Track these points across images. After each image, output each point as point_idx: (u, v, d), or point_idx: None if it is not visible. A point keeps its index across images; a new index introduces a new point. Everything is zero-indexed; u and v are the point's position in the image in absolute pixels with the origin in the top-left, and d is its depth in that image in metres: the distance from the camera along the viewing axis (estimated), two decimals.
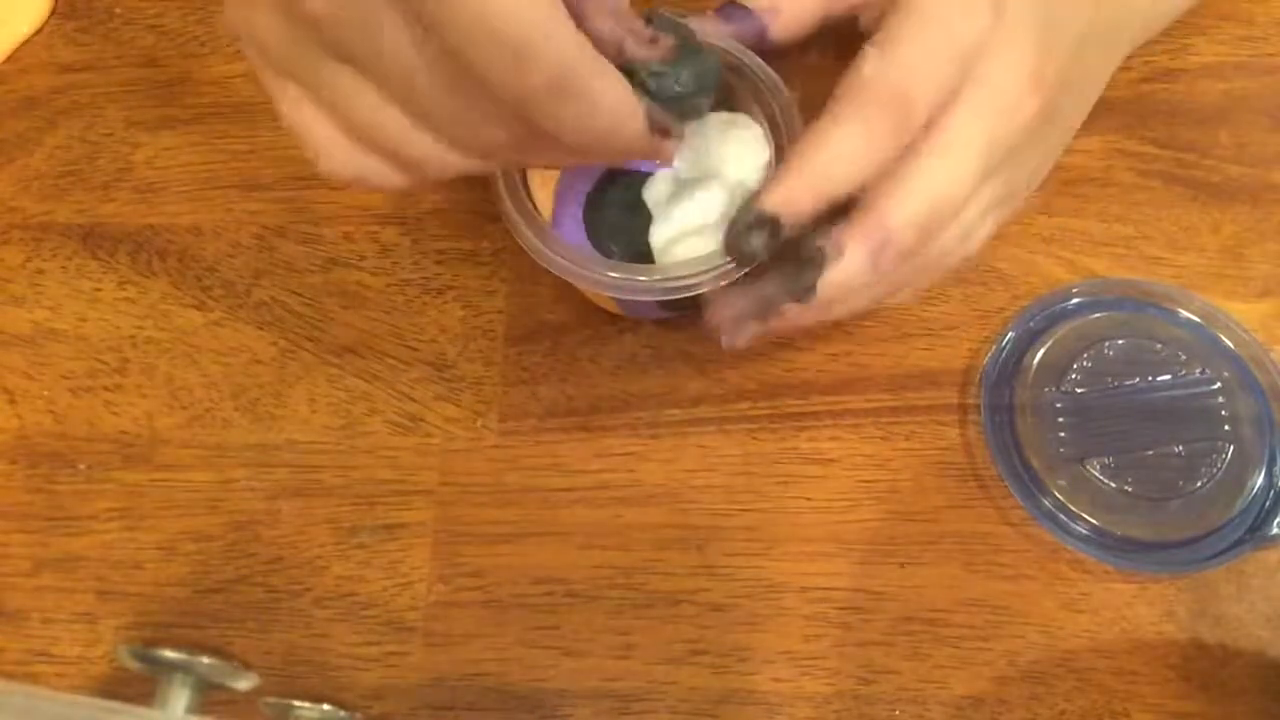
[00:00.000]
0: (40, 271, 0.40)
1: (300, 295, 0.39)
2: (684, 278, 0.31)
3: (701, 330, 0.32)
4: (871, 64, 0.28)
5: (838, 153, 0.28)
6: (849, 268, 0.29)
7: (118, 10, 0.44)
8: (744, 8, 0.33)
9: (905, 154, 0.29)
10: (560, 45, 0.23)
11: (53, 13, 0.44)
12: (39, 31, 0.44)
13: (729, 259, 0.30)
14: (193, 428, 0.37)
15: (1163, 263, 0.38)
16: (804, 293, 0.29)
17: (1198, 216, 0.38)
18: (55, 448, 0.37)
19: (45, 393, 0.38)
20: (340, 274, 0.39)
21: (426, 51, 0.23)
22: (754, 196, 0.29)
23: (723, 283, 0.35)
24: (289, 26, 0.24)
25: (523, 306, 0.38)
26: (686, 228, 0.33)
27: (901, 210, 0.29)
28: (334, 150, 0.26)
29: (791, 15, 0.34)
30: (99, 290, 0.39)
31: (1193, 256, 0.38)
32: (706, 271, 0.31)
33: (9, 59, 0.43)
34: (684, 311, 0.37)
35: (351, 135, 0.26)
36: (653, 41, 0.27)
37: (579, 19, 0.25)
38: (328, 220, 0.40)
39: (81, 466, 0.36)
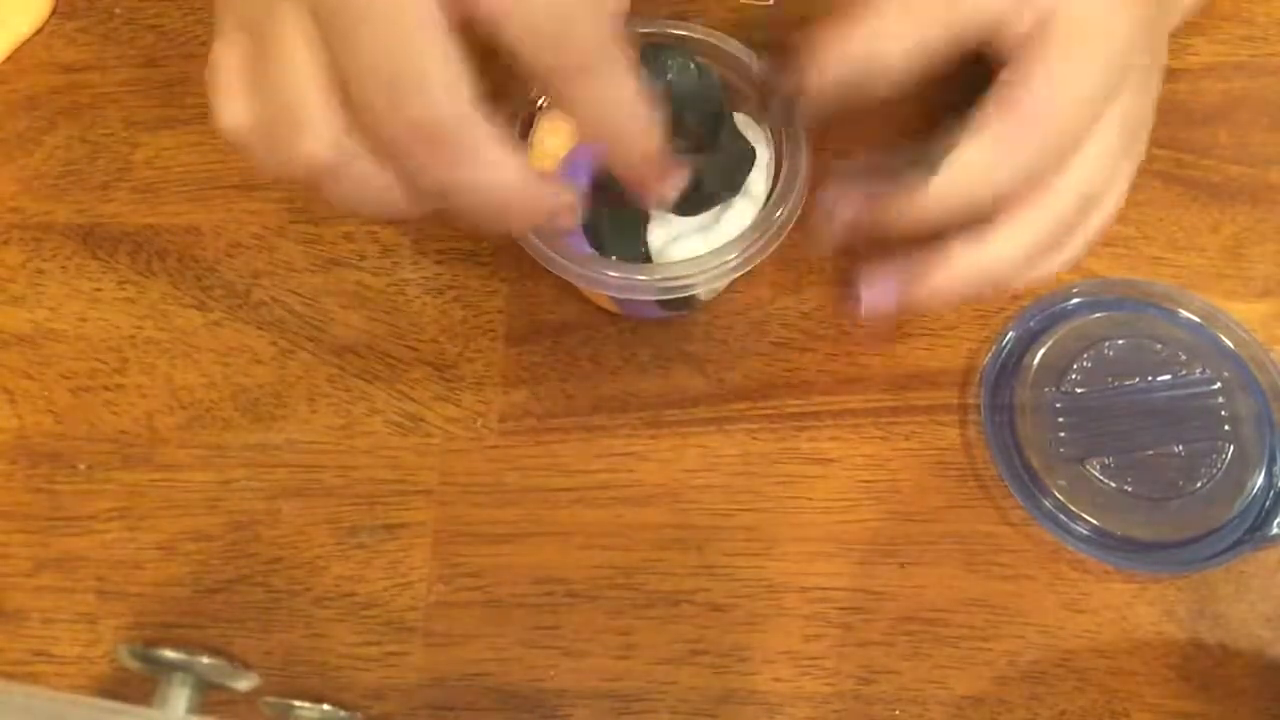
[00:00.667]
0: (40, 271, 0.40)
1: (300, 295, 0.39)
2: (682, 277, 0.31)
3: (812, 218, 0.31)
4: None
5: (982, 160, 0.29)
6: (977, 145, 0.29)
7: (118, 10, 0.44)
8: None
9: (1038, 50, 0.29)
10: (445, 94, 0.24)
11: (53, 13, 0.44)
12: (39, 31, 0.44)
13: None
14: (193, 428, 0.37)
15: (1163, 263, 0.38)
16: (928, 167, 0.29)
17: (1198, 216, 0.38)
18: (55, 448, 0.37)
19: (45, 393, 0.38)
20: (340, 274, 0.39)
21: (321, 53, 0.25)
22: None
23: (719, 283, 0.35)
24: None
25: (523, 306, 0.38)
26: (686, 227, 0.33)
27: (1036, 93, 0.29)
28: (236, 96, 0.26)
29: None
30: (99, 290, 0.39)
31: (1193, 256, 0.38)
32: (704, 271, 0.31)
33: (9, 59, 0.43)
34: (682, 312, 0.37)
35: (259, 94, 0.26)
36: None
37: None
38: (328, 220, 0.40)
39: (81, 466, 0.36)
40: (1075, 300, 0.37)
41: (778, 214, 0.32)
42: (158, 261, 0.40)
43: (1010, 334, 0.36)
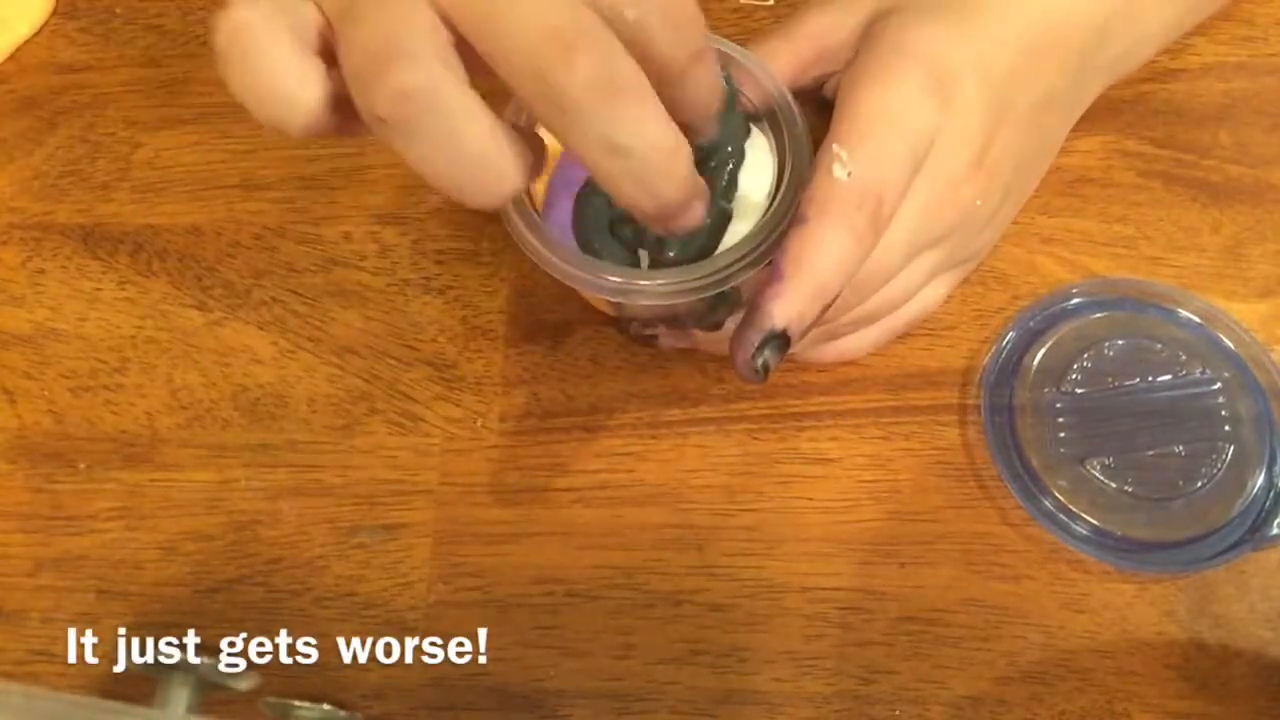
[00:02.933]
0: (40, 271, 0.40)
1: (300, 295, 0.39)
2: (680, 284, 0.31)
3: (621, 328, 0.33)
4: (841, 168, 0.29)
5: (830, 259, 0.28)
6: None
7: (118, 10, 0.44)
8: None
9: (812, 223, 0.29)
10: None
11: (53, 13, 0.44)
12: (39, 31, 0.44)
13: (741, 373, 0.30)
14: (193, 428, 0.37)
15: (1163, 263, 0.38)
16: (711, 326, 0.32)
17: (1198, 216, 0.38)
18: (55, 448, 0.37)
19: (45, 393, 0.38)
20: (340, 274, 0.39)
21: None
22: (756, 315, 0.29)
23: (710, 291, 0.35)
24: None
25: (523, 306, 0.38)
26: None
27: (774, 297, 0.29)
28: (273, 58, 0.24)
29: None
30: (99, 290, 0.39)
31: (1193, 256, 0.38)
32: (704, 278, 0.31)
33: (9, 59, 0.43)
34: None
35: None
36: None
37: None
38: (328, 220, 0.40)
39: (81, 466, 0.36)
40: (1075, 300, 0.37)
41: (779, 222, 0.32)
42: (158, 261, 0.40)
43: (1010, 334, 0.36)
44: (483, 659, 0.33)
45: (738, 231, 0.32)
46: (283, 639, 0.34)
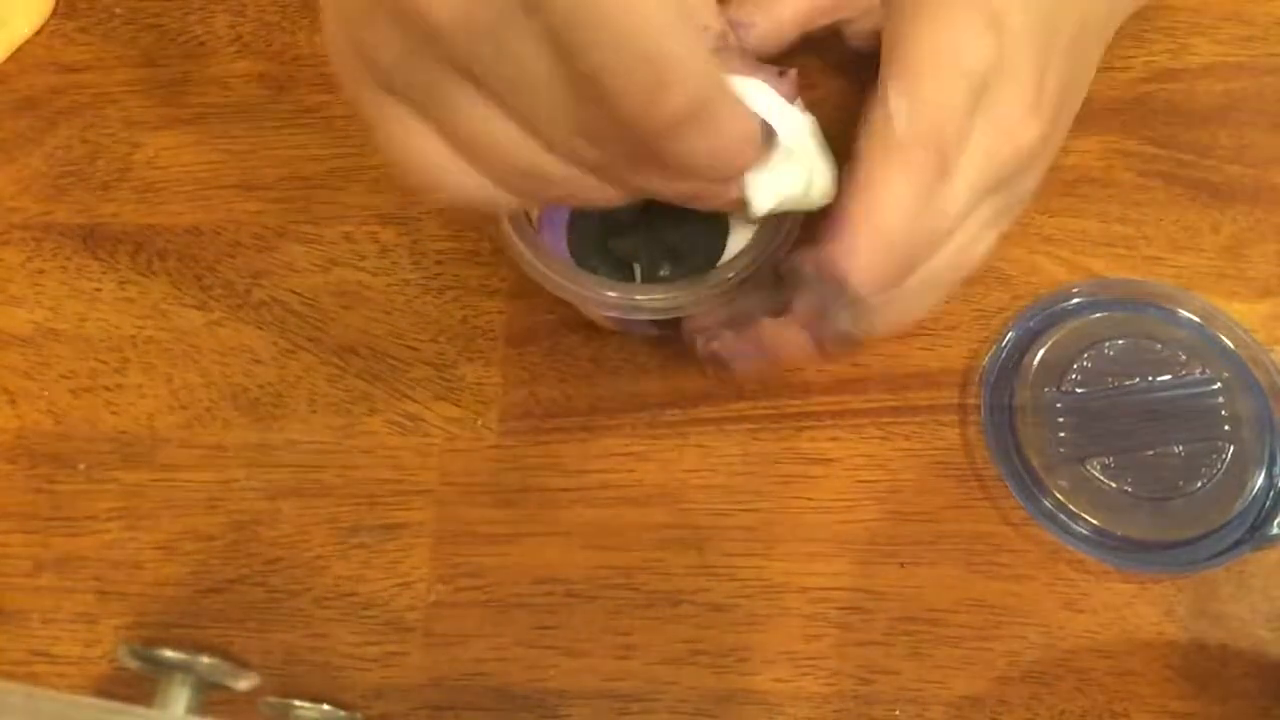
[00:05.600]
0: (40, 271, 0.40)
1: (300, 295, 0.39)
2: (676, 298, 0.31)
3: (685, 344, 0.32)
4: (900, 113, 0.28)
5: (897, 212, 0.28)
6: (809, 289, 0.29)
7: (118, 10, 0.44)
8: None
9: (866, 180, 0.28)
10: (698, 73, 0.23)
11: (53, 13, 0.44)
12: (39, 31, 0.44)
13: (829, 346, 0.30)
14: (193, 428, 0.37)
15: (1163, 263, 0.38)
16: (781, 308, 0.29)
17: (1198, 216, 0.38)
18: (55, 448, 0.37)
19: (45, 393, 0.38)
20: (340, 274, 0.39)
21: (555, 68, 0.23)
22: (828, 278, 0.28)
23: (714, 305, 0.35)
24: (405, 39, 0.23)
25: (523, 306, 0.38)
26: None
27: (843, 248, 0.28)
28: (446, 169, 0.25)
29: (768, 29, 0.34)
30: (99, 290, 0.39)
31: (1193, 256, 0.38)
32: (698, 292, 0.31)
33: (9, 59, 0.43)
34: (673, 330, 0.37)
35: (464, 153, 0.25)
36: None
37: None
38: (328, 220, 0.40)
39: (81, 466, 0.36)
40: (1075, 300, 0.37)
41: (775, 234, 0.32)
42: (158, 261, 0.40)
43: (1010, 334, 0.36)
44: (483, 659, 0.33)
45: (731, 249, 0.32)
46: (282, 639, 0.34)
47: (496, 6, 0.22)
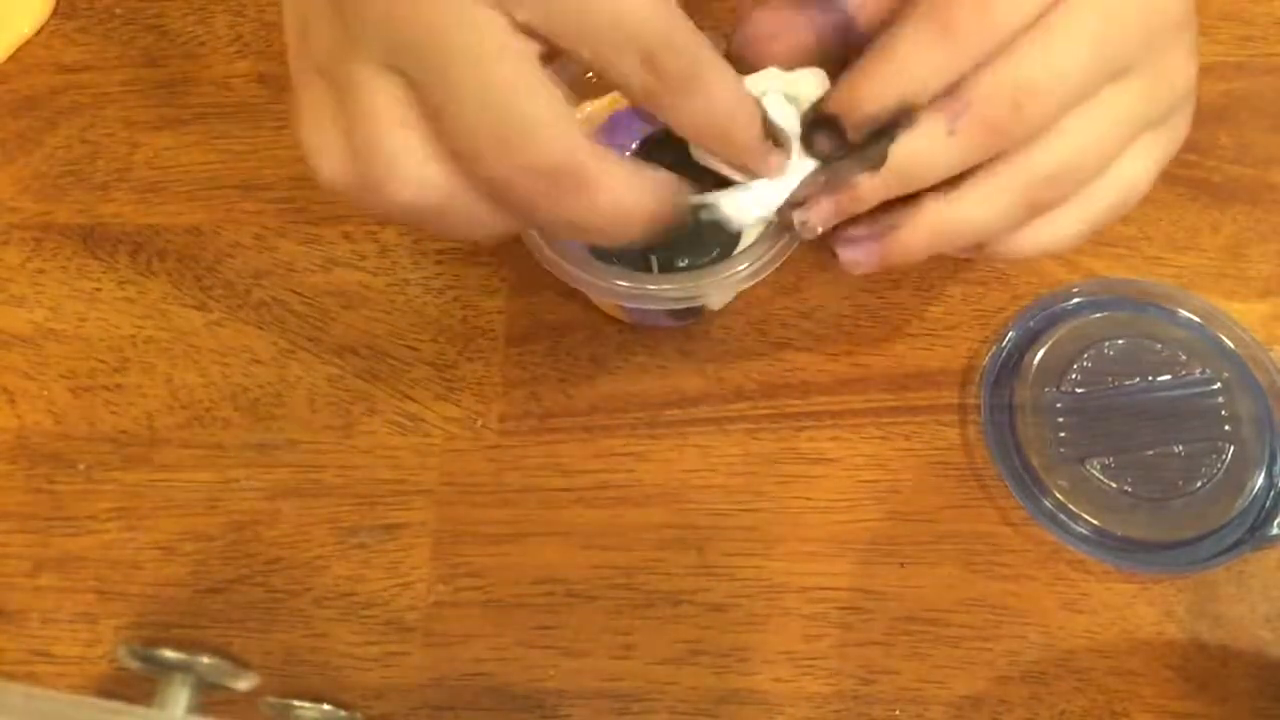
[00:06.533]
0: (40, 271, 0.40)
1: (300, 295, 0.39)
2: (692, 287, 0.31)
3: (785, 225, 0.30)
4: None
5: (909, 61, 0.26)
6: (923, 132, 0.27)
7: (118, 10, 0.44)
8: None
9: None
10: (558, 137, 0.24)
11: (53, 13, 0.44)
12: (39, 31, 0.44)
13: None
14: (193, 428, 0.37)
15: (1163, 263, 0.38)
16: (876, 161, 0.28)
17: (1198, 216, 0.38)
18: (55, 448, 0.37)
19: (45, 393, 0.38)
20: (340, 274, 0.39)
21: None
22: (823, 96, 0.28)
23: (729, 294, 0.35)
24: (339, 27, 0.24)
25: (523, 306, 0.38)
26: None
27: (985, 82, 0.26)
28: (326, 155, 0.26)
29: None
30: (99, 290, 0.39)
31: (1193, 256, 0.38)
32: (713, 282, 0.31)
33: (9, 59, 0.43)
34: (690, 321, 0.37)
35: (358, 151, 0.25)
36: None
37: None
38: (328, 220, 0.40)
39: (81, 466, 0.36)
40: (1075, 300, 0.37)
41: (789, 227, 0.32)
42: (158, 261, 0.40)
43: (1010, 334, 0.36)
44: (483, 659, 0.33)
45: (747, 237, 0.32)
46: (282, 639, 0.34)
47: None
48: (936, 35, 0.26)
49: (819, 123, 0.28)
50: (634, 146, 0.33)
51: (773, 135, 0.27)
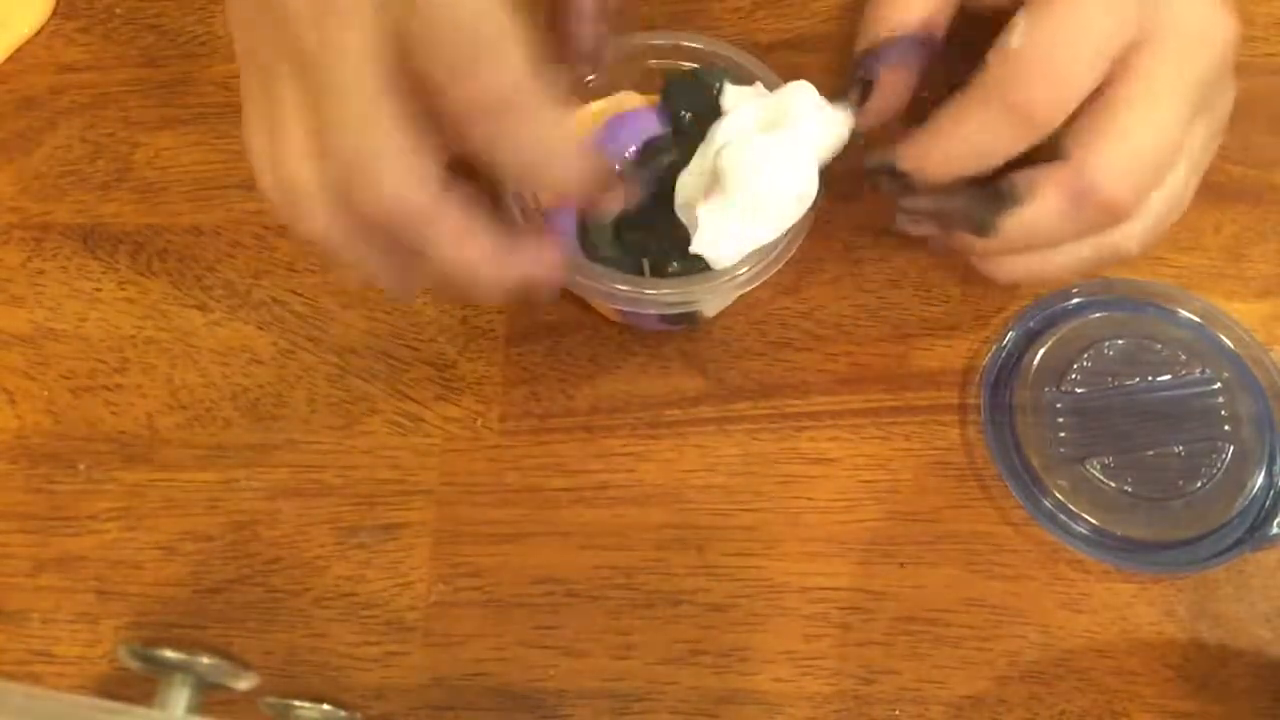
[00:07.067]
0: (40, 271, 0.40)
1: (300, 295, 0.39)
2: (686, 293, 0.31)
3: (872, 189, 0.31)
4: (1018, 35, 0.26)
5: (976, 137, 0.27)
6: (1040, 209, 0.28)
7: (118, 10, 0.44)
8: (899, 41, 0.31)
9: (1103, 101, 0.27)
10: (514, 66, 0.23)
11: (53, 13, 0.44)
12: (39, 32, 0.44)
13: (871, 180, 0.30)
14: (193, 428, 0.37)
15: (1163, 263, 0.38)
16: (983, 226, 0.28)
17: (1198, 216, 0.38)
18: (55, 448, 0.37)
19: (45, 393, 0.38)
20: (340, 274, 0.39)
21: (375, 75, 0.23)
22: (894, 150, 0.29)
23: (724, 301, 0.35)
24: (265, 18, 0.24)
25: (523, 307, 0.38)
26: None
27: (1101, 161, 0.27)
28: (263, 170, 0.26)
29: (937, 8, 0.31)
30: (99, 290, 0.39)
31: (1193, 256, 0.38)
32: (709, 287, 0.31)
33: (9, 59, 0.43)
34: (684, 326, 0.37)
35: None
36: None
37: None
38: None
39: (81, 466, 0.36)
40: (1075, 300, 0.37)
41: (781, 238, 0.32)
42: (158, 261, 0.40)
43: (1010, 334, 0.36)
44: (483, 659, 0.34)
45: (759, 238, 0.32)
46: (282, 639, 0.34)
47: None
48: (1007, 115, 0.27)
49: (885, 170, 0.29)
50: (634, 150, 0.33)
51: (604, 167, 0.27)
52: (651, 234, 0.32)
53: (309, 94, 0.24)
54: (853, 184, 0.31)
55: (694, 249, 0.31)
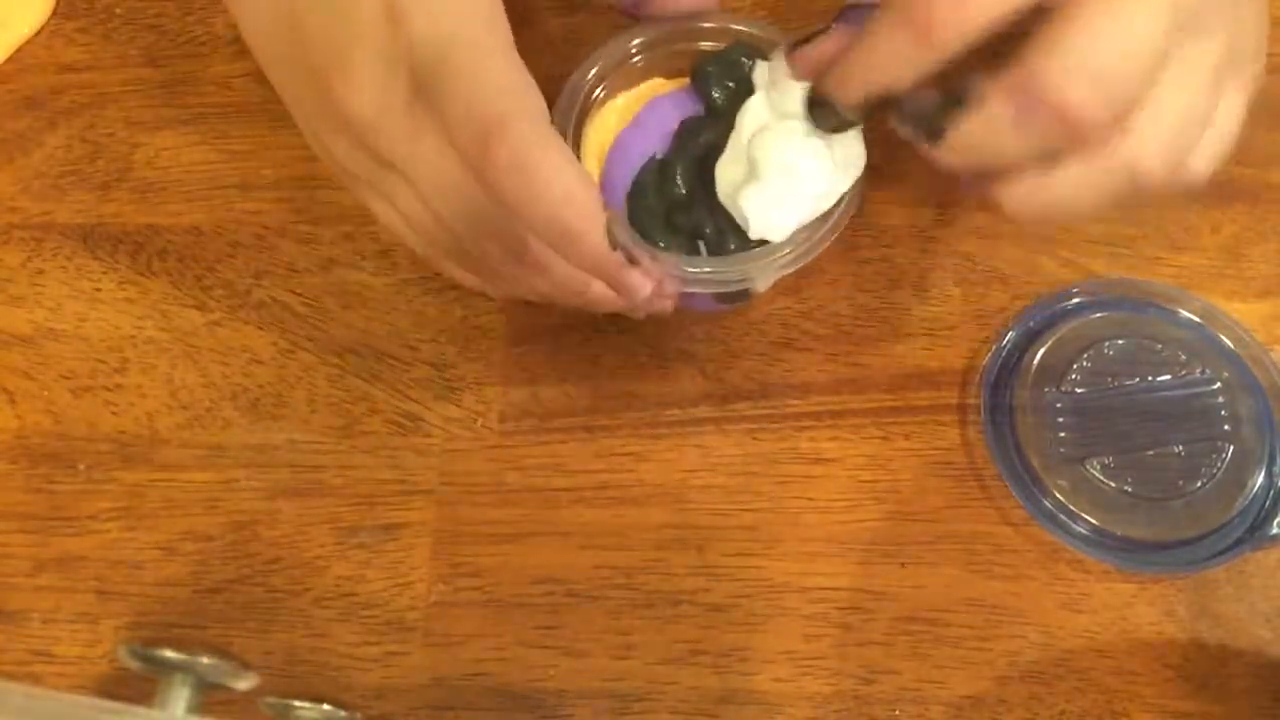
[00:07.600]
0: (40, 271, 0.40)
1: (300, 295, 0.39)
2: (739, 270, 0.31)
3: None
4: None
5: (879, 57, 0.26)
6: (989, 117, 0.26)
7: (118, 10, 0.44)
8: (861, 6, 0.30)
9: (1060, 13, 0.25)
10: (523, 133, 0.26)
11: (53, 13, 0.44)
12: (39, 31, 0.44)
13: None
14: (193, 428, 0.37)
15: (1163, 263, 0.38)
16: (932, 133, 0.27)
17: (1198, 216, 0.38)
18: (55, 448, 0.37)
19: (45, 393, 0.38)
20: (340, 274, 0.39)
21: (444, 156, 0.27)
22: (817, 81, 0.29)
23: (776, 276, 0.35)
24: (346, 137, 0.28)
25: (523, 307, 0.38)
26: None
27: (1053, 64, 0.25)
28: (408, 236, 0.30)
29: None
30: (99, 290, 0.39)
31: (1193, 256, 0.38)
32: (760, 264, 0.31)
33: (9, 59, 0.43)
34: (736, 305, 0.37)
35: (409, 226, 0.30)
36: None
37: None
38: (328, 220, 0.40)
39: (81, 466, 0.36)
40: (1075, 300, 0.37)
41: (835, 208, 0.31)
42: (158, 261, 0.40)
43: (1010, 334, 0.36)
44: (483, 659, 0.34)
45: (813, 210, 0.31)
46: (282, 639, 0.34)
47: (401, 96, 0.26)
48: (906, 31, 0.26)
49: (816, 102, 0.30)
50: (673, 130, 0.33)
51: (625, 249, 0.28)
52: (702, 215, 0.32)
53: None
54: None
55: (752, 235, 0.31)
